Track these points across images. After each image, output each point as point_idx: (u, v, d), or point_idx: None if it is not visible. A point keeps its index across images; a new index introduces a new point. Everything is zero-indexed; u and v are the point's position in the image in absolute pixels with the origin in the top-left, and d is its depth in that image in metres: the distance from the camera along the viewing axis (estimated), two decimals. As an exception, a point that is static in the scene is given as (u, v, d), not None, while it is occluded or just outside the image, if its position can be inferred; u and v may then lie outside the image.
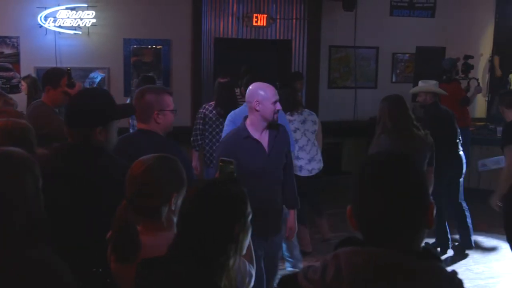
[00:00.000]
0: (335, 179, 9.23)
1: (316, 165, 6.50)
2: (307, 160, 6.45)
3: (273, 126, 4.37)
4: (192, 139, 6.47)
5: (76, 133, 2.94)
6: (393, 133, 5.17)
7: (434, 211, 1.66)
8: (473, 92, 9.30)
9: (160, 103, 3.69)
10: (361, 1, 10.26)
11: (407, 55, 10.97)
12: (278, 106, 4.28)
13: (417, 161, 1.73)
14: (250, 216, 2.16)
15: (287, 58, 10.40)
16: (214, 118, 6.32)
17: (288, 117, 6.20)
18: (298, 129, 6.38)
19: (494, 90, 10.05)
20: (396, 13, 10.88)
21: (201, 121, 6.41)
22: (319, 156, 6.56)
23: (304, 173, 6.38)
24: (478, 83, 9.58)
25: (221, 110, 6.25)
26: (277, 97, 4.30)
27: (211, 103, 6.48)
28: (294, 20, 10.28)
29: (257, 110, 4.25)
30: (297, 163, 6.15)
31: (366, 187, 1.67)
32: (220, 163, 2.96)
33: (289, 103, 6.31)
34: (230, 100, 6.31)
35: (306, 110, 6.65)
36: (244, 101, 7.06)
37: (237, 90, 6.93)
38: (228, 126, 5.25)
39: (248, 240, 2.20)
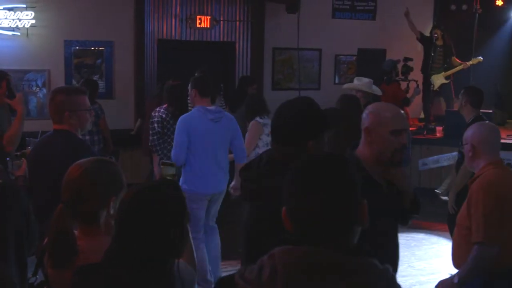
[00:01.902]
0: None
1: None
2: None
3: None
4: (151, 144, 6.34)
5: None
6: (346, 130, 5.22)
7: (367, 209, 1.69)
8: (413, 94, 9.51)
9: (72, 103, 3.64)
10: (304, 4, 10.36)
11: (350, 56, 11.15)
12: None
13: (350, 161, 1.76)
14: (188, 219, 2.16)
15: (231, 60, 10.42)
16: (171, 122, 6.25)
17: (259, 120, 6.32)
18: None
19: (426, 91, 10.32)
20: (338, 16, 11.04)
21: (160, 125, 6.32)
22: None
23: None
24: (417, 85, 9.80)
25: (177, 112, 6.21)
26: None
27: (164, 106, 6.42)
28: (237, 22, 10.31)
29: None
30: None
31: (299, 187, 1.69)
32: (162, 166, 2.95)
33: (260, 107, 6.42)
34: (183, 103, 6.30)
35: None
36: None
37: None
38: (179, 130, 5.29)
39: (186, 242, 2.19)
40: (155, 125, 6.31)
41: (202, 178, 5.32)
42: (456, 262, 3.56)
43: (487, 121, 3.70)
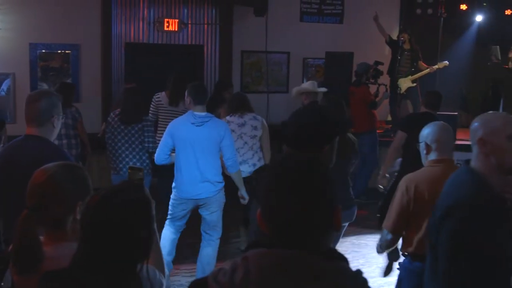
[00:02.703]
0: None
1: (248, 168, 6.50)
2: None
3: None
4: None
5: None
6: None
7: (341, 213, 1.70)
8: (381, 97, 9.59)
9: (58, 107, 3.58)
10: (272, 7, 10.40)
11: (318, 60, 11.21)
12: None
13: (325, 163, 1.76)
14: (155, 222, 2.14)
15: (199, 63, 10.39)
16: (115, 126, 6.22)
17: (227, 118, 6.43)
18: (233, 131, 6.36)
19: (393, 95, 10.45)
20: (306, 19, 11.10)
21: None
22: (253, 161, 6.58)
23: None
24: (387, 89, 9.90)
25: (124, 116, 6.18)
26: None
27: (118, 109, 6.40)
28: (206, 26, 10.29)
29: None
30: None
31: (274, 191, 1.69)
32: (129, 170, 2.91)
33: (232, 105, 6.58)
34: (135, 106, 6.25)
35: (251, 115, 6.63)
36: (167, 108, 7.12)
37: (159, 95, 7.22)
38: (165, 131, 5.44)
39: (154, 246, 2.17)
40: (107, 129, 6.33)
41: (183, 182, 5.44)
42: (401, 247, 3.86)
43: (441, 122, 3.86)
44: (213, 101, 6.99)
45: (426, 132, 3.70)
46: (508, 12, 12.67)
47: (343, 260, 1.66)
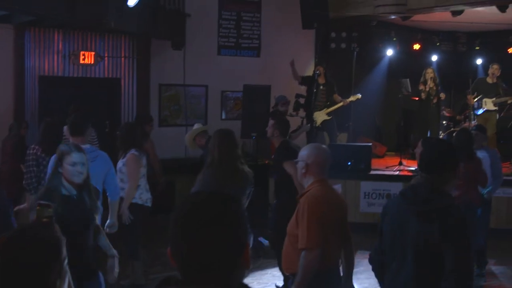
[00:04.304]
0: (169, 216, 9.17)
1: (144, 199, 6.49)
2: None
3: None
4: (25, 182, 6.07)
5: None
6: (218, 167, 5.28)
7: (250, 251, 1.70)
8: (296, 129, 9.73)
9: None
10: (190, 41, 10.46)
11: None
12: None
13: (237, 200, 1.76)
14: (66, 261, 2.08)
15: (116, 96, 10.27)
16: (40, 159, 6.03)
17: (136, 153, 6.21)
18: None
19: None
20: (224, 53, 11.22)
21: (35, 163, 6.07)
22: (146, 188, 6.56)
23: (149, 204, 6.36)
24: (307, 122, 10.08)
25: (45, 149, 6.01)
26: None
27: (33, 145, 6.21)
28: (123, 59, 10.21)
29: None
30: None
31: (183, 228, 1.68)
32: (38, 207, 2.83)
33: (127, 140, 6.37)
34: (54, 138, 6.10)
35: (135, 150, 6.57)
36: (69, 140, 7.00)
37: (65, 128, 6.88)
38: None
39: (66, 286, 2.11)
40: (31, 163, 6.08)
41: None
42: (287, 267, 3.98)
43: (319, 144, 4.15)
44: (134, 136, 6.88)
45: (307, 154, 3.91)
46: (416, 46, 13.28)
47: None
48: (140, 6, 8.22)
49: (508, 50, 12.91)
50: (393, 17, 10.74)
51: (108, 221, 5.65)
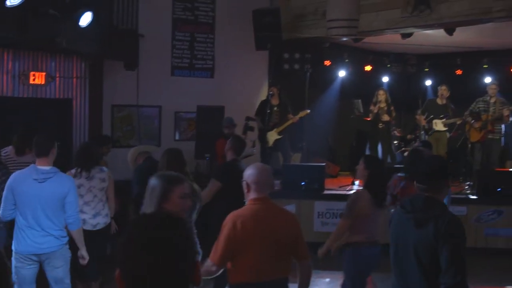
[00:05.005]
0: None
1: (102, 220, 6.48)
2: (92, 215, 6.44)
3: None
4: None
5: None
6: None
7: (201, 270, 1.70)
8: (244, 152, 9.70)
9: None
10: (143, 61, 10.41)
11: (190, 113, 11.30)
12: None
13: (183, 220, 1.76)
14: None
15: (68, 117, 10.11)
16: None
17: (72, 171, 6.33)
18: (82, 185, 6.31)
19: (263, 148, 10.77)
20: (177, 73, 11.20)
21: None
22: (105, 211, 6.55)
23: (87, 227, 6.28)
24: (254, 145, 10.10)
25: None
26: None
27: None
28: (74, 79, 10.07)
29: None
30: (81, 216, 6.04)
31: (131, 248, 1.66)
32: None
33: (79, 159, 6.51)
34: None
35: (98, 168, 6.60)
36: (15, 160, 6.94)
37: (6, 150, 7.15)
38: (6, 186, 5.29)
39: None
40: None
41: (22, 237, 5.29)
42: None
43: (261, 164, 4.35)
44: (92, 157, 6.84)
45: (248, 173, 4.06)
46: (367, 68, 13.52)
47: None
48: (93, 26, 8.15)
49: (456, 72, 13.27)
50: (345, 39, 10.90)
51: (79, 252, 5.70)
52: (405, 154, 10.96)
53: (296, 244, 4.04)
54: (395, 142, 12.38)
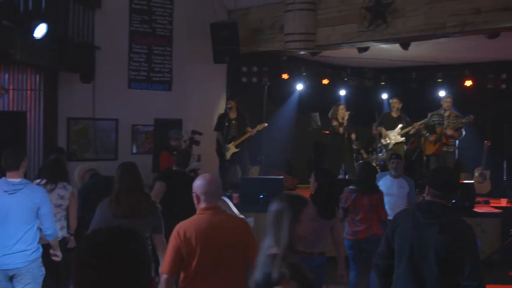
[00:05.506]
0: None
1: (60, 233, 6.39)
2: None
3: None
4: None
5: None
6: (119, 199, 5.20)
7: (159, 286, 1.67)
8: (190, 166, 9.65)
9: None
10: (99, 74, 10.29)
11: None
12: None
13: (137, 235, 1.72)
14: None
15: (22, 130, 9.89)
16: None
17: (37, 181, 6.36)
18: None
19: (221, 161, 10.78)
20: (135, 86, 11.10)
21: None
22: (60, 225, 6.45)
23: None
24: (199, 159, 10.04)
25: None
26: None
27: None
28: (29, 91, 9.88)
29: None
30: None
31: (84, 269, 1.62)
32: None
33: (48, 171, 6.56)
34: None
35: (63, 184, 6.57)
36: None
37: None
38: None
39: None
40: None
41: None
42: None
43: (210, 175, 4.34)
44: (62, 172, 6.78)
45: (197, 184, 4.15)
46: (325, 81, 13.66)
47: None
48: (47, 38, 8.01)
49: (411, 85, 13.53)
50: (302, 52, 11.00)
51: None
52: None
53: (248, 249, 4.02)
54: (354, 155, 12.51)
